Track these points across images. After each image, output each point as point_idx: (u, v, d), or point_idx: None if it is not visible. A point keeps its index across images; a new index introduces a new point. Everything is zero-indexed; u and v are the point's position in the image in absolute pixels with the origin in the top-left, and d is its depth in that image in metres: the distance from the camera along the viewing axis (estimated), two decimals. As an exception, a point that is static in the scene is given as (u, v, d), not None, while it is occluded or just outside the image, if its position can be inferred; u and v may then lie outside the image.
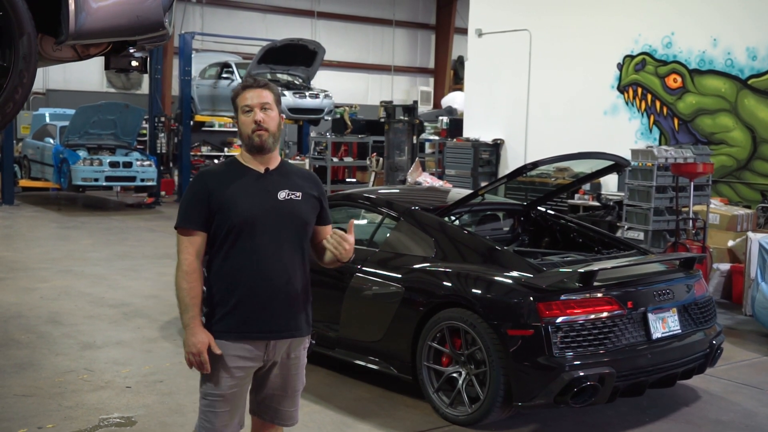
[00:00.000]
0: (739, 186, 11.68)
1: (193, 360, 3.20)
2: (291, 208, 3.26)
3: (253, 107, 3.23)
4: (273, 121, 3.26)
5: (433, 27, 29.24)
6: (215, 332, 3.21)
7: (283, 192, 3.26)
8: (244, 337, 3.20)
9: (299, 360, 3.38)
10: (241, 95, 3.28)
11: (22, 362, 6.20)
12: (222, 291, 3.22)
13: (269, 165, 3.30)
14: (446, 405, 5.14)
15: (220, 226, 3.20)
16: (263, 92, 3.26)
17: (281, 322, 3.25)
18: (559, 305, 4.77)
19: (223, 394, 3.22)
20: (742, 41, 11.56)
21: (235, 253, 3.20)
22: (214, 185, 3.22)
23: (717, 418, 5.39)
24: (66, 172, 15.92)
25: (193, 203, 3.24)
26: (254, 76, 3.76)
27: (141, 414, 5.15)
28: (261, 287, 3.19)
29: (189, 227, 3.22)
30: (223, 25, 24.41)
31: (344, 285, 5.73)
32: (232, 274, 3.20)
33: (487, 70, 15.37)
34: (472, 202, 6.18)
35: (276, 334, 3.24)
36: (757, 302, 7.38)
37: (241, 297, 3.19)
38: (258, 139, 3.23)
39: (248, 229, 3.18)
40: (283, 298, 3.23)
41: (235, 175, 3.27)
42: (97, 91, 23.08)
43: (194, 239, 3.22)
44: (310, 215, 3.33)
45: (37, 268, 10.00)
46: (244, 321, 3.20)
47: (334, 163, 17.19)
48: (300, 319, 3.31)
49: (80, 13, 4.18)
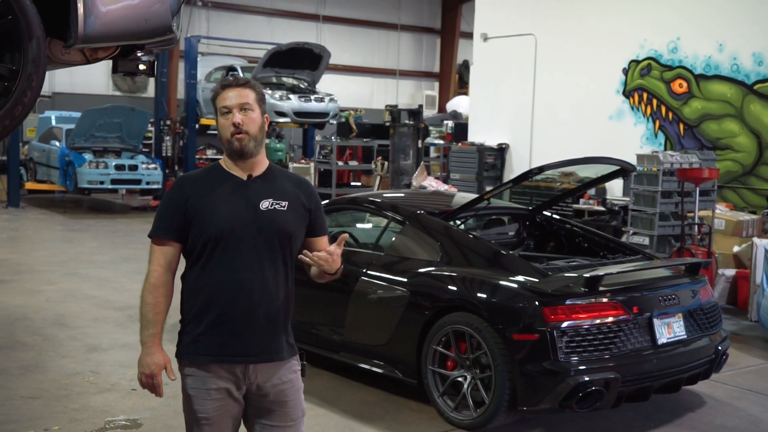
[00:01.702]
0: (744, 191, 11.66)
1: (145, 382, 2.98)
2: (273, 220, 2.97)
3: (231, 108, 2.95)
4: (254, 123, 2.97)
5: (438, 31, 29.26)
6: (187, 354, 2.97)
7: (266, 201, 2.98)
8: (220, 361, 2.93)
9: (292, 385, 3.06)
10: (220, 95, 2.99)
11: (28, 364, 6.22)
12: (196, 308, 2.95)
13: (253, 171, 3.02)
14: (451, 409, 5.14)
15: (196, 238, 2.94)
16: (243, 91, 2.97)
17: (260, 345, 2.96)
18: (565, 310, 4.77)
19: (209, 417, 2.96)
20: (748, 46, 11.55)
21: (211, 268, 2.94)
22: (191, 192, 2.98)
23: (722, 424, 5.39)
24: (72, 175, 15.96)
25: (168, 211, 3.00)
26: (235, 75, 3.45)
27: (146, 417, 5.16)
28: (238, 306, 2.92)
29: (162, 236, 2.99)
30: (228, 28, 24.46)
31: (350, 289, 5.74)
32: (207, 290, 2.94)
33: (493, 75, 15.38)
34: (477, 207, 6.18)
35: (255, 357, 2.95)
36: (762, 308, 7.36)
37: (217, 317, 2.92)
38: (237, 144, 2.95)
39: (225, 242, 2.92)
40: (262, 319, 2.95)
41: (215, 181, 3.00)
42: (103, 94, 23.14)
43: (167, 250, 2.99)
44: (296, 227, 3.03)
45: (43, 271, 10.02)
46: (220, 343, 2.93)
47: (339, 167, 17.20)
48: (280, 341, 3.01)
49: (89, 17, 4.19)
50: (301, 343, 6.10)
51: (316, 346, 6.04)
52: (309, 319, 6.09)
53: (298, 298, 3.05)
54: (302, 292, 6.08)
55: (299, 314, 6.16)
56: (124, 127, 16.56)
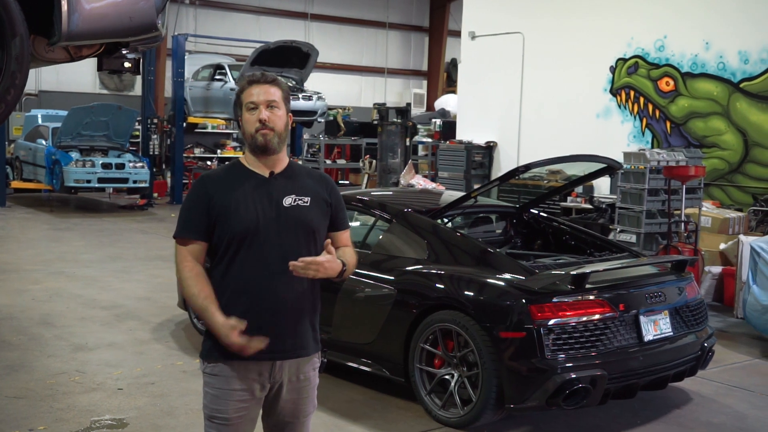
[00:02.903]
0: (731, 189, 11.72)
1: (237, 349, 2.91)
2: (297, 215, 2.98)
3: (258, 104, 2.96)
4: (280, 120, 2.99)
5: (426, 29, 29.27)
6: (214, 352, 2.97)
7: (289, 198, 2.99)
8: (248, 358, 2.93)
9: (309, 382, 3.09)
10: (246, 91, 3.00)
11: (13, 364, 6.18)
12: (223, 307, 2.93)
13: (275, 168, 3.03)
14: (438, 407, 5.14)
15: (221, 236, 2.95)
16: (271, 89, 2.99)
17: (287, 341, 2.98)
18: (551, 307, 4.78)
19: (229, 418, 2.97)
20: (735, 45, 11.62)
21: (237, 266, 2.95)
22: (214, 191, 2.97)
23: (708, 421, 5.41)
24: (58, 174, 15.88)
25: (192, 211, 2.99)
26: (263, 71, 3.43)
27: (133, 416, 5.14)
28: (265, 303, 2.93)
29: (187, 237, 2.97)
30: (216, 26, 24.39)
31: (337, 287, 5.72)
32: (233, 288, 2.95)
33: (481, 73, 15.40)
34: (464, 205, 6.19)
35: (282, 354, 2.97)
36: (748, 305, 7.40)
37: (244, 314, 2.90)
38: (262, 139, 2.96)
39: (251, 239, 2.93)
40: (290, 316, 2.98)
41: (237, 179, 3.01)
42: (90, 92, 23.03)
43: (192, 248, 2.97)
44: (319, 222, 3.05)
45: (29, 270, 9.96)
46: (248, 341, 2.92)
47: (327, 165, 17.20)
48: (307, 337, 3.04)
49: (73, 15, 4.17)
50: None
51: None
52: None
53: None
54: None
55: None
56: (111, 125, 16.48)
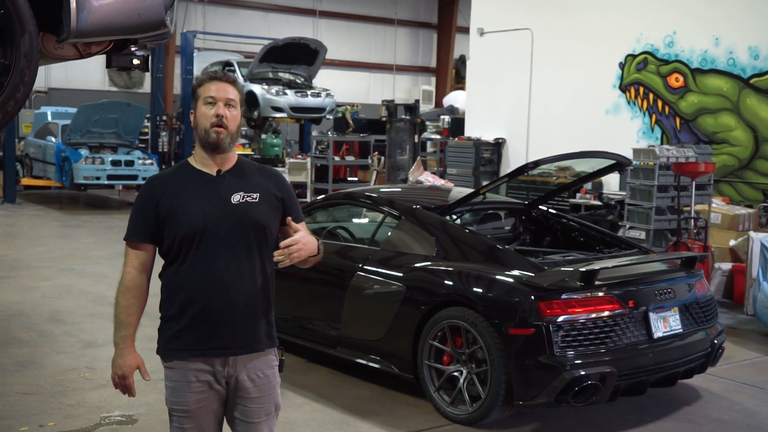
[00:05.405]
0: (740, 185, 11.67)
1: (117, 383, 3.04)
2: (245, 212, 2.97)
3: (217, 100, 2.97)
4: (234, 120, 3.00)
5: (435, 26, 29.25)
6: (170, 349, 3.00)
7: (238, 195, 2.99)
8: (201, 354, 2.96)
9: (269, 380, 3.07)
10: (205, 85, 3.01)
11: (23, 360, 6.21)
12: (175, 306, 2.97)
13: (223, 166, 3.03)
14: (447, 404, 5.14)
15: (170, 237, 2.96)
16: (230, 88, 3.01)
17: (240, 338, 2.98)
18: (561, 304, 4.77)
19: (189, 410, 2.98)
20: (744, 40, 11.55)
21: (187, 265, 2.95)
22: (161, 192, 2.99)
23: (718, 417, 5.39)
24: (68, 171, 15.93)
25: (139, 213, 3.02)
26: (224, 70, 3.43)
27: (142, 412, 5.15)
28: (217, 301, 2.94)
29: (135, 239, 3.01)
30: (225, 23, 24.45)
31: (345, 284, 5.73)
32: (185, 288, 2.95)
33: (489, 69, 15.37)
34: (473, 201, 6.17)
35: (235, 350, 2.98)
36: (758, 302, 7.37)
37: (197, 312, 2.94)
38: (215, 136, 2.96)
39: (200, 238, 2.93)
40: (242, 312, 2.97)
41: (184, 179, 3.01)
42: (99, 89, 23.12)
43: (140, 253, 3.01)
44: (269, 218, 3.03)
45: (39, 267, 10.01)
46: (200, 338, 2.95)
47: (335, 162, 17.17)
48: (259, 333, 3.04)
49: (81, 11, 4.18)
50: (298, 338, 6.14)
51: (312, 341, 6.04)
52: (305, 315, 6.10)
53: (294, 293, 3.01)
54: (299, 288, 6.12)
55: (296, 310, 6.21)
56: (120, 122, 16.52)
